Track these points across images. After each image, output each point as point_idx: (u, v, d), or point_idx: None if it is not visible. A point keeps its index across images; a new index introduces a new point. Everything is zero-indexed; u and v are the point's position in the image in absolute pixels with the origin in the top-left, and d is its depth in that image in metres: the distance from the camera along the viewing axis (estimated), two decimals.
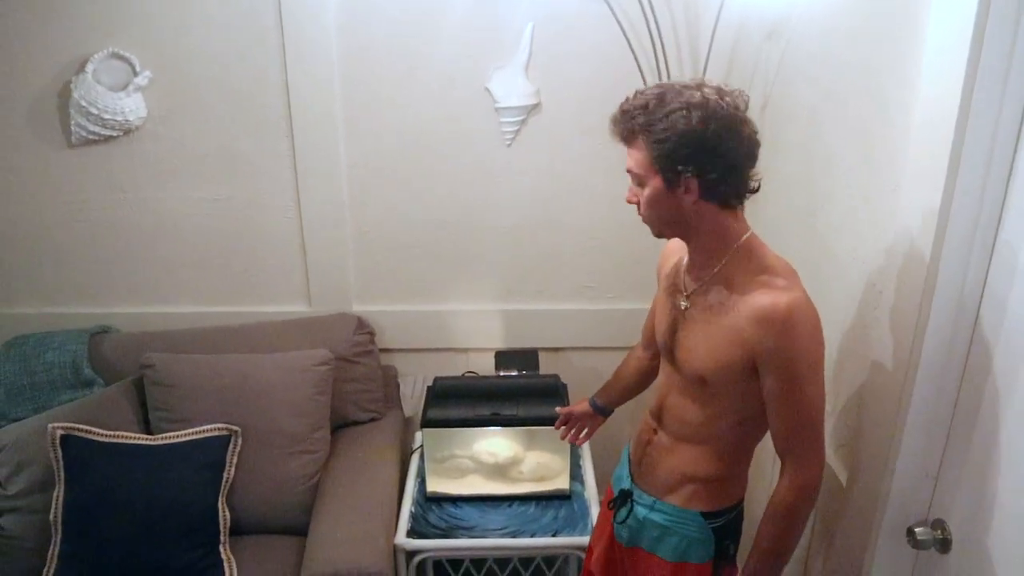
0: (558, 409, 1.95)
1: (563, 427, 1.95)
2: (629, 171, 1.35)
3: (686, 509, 1.51)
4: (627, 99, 1.32)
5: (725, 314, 1.36)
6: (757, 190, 1.36)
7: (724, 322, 1.36)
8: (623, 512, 1.61)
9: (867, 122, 1.53)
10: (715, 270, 1.39)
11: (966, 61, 1.15)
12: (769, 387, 1.34)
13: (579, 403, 1.94)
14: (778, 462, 1.43)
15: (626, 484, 1.64)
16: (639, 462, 1.61)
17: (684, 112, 1.24)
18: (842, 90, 1.64)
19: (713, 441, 1.48)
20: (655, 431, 1.57)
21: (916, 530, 1.34)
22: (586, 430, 1.94)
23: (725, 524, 1.51)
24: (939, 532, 1.33)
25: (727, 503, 1.51)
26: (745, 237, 1.38)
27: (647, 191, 1.33)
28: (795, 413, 1.34)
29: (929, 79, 1.27)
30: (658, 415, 1.56)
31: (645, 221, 1.40)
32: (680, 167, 1.27)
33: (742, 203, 1.36)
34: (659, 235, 1.42)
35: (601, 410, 1.91)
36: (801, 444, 1.36)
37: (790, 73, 1.92)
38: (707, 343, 1.40)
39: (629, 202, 1.38)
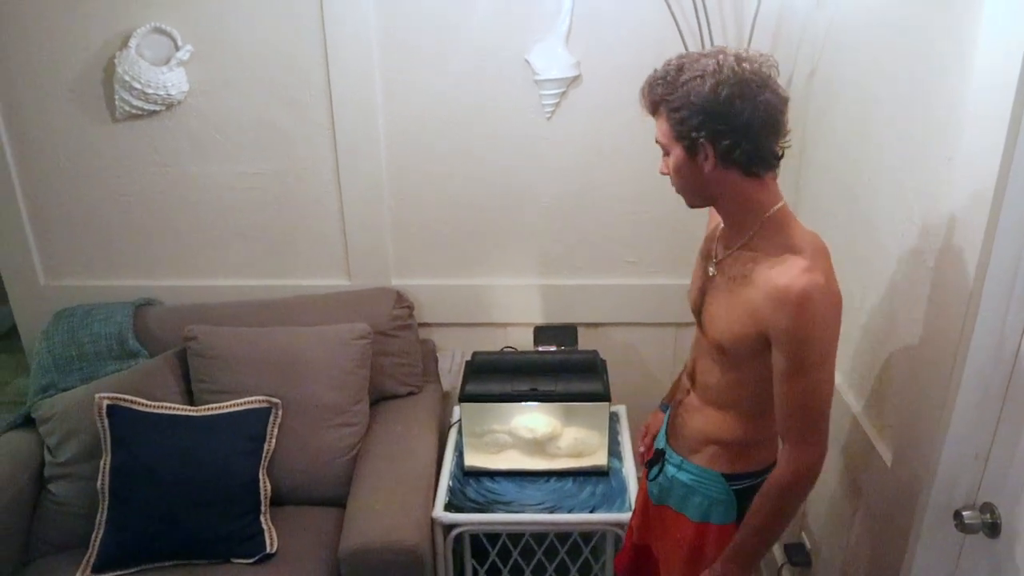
0: (642, 440, 1.89)
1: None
2: (657, 142, 1.37)
3: (709, 469, 1.52)
4: (653, 72, 1.34)
5: (745, 287, 1.36)
6: (781, 157, 1.32)
7: (743, 294, 1.36)
8: (655, 470, 1.64)
9: (919, 91, 1.47)
10: (743, 240, 1.38)
11: None
12: (777, 366, 1.33)
13: (654, 417, 1.90)
14: None
15: (661, 443, 1.66)
16: (672, 421, 1.63)
17: (698, 80, 1.25)
18: (892, 58, 1.58)
19: (734, 406, 1.48)
20: (688, 391, 1.59)
21: (964, 513, 1.30)
22: None
23: (749, 488, 1.50)
24: (988, 516, 1.29)
25: (751, 467, 1.51)
26: (775, 208, 1.35)
27: (672, 160, 1.35)
28: (798, 396, 1.32)
29: (987, 45, 1.21)
30: (692, 375, 1.58)
31: (677, 191, 1.41)
32: (695, 134, 1.28)
33: (769, 171, 1.32)
34: (691, 205, 1.43)
35: None
36: (801, 427, 1.34)
37: (838, 42, 1.87)
38: (727, 312, 1.40)
39: (662, 173, 1.40)
